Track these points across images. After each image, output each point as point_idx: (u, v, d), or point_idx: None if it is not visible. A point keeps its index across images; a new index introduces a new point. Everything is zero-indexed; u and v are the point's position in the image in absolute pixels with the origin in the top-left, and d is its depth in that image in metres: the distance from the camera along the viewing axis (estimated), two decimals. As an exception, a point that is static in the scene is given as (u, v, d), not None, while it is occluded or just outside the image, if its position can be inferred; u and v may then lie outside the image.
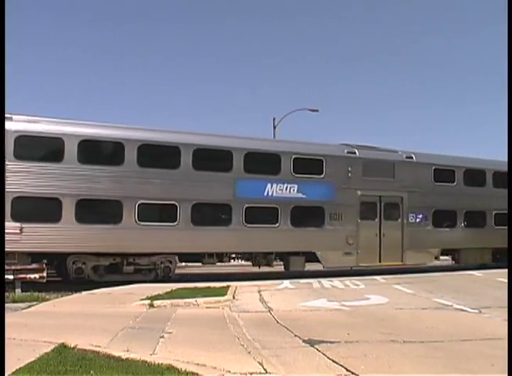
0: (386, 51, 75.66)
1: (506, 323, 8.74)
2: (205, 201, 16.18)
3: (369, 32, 74.94)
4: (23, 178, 14.13)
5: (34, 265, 14.01)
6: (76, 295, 13.07)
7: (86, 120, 15.80)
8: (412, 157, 20.02)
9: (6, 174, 13.44)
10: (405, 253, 19.25)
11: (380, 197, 19.12)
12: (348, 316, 10.34)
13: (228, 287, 14.09)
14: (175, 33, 73.00)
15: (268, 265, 17.85)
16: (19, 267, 13.67)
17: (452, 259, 21.44)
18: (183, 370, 5.87)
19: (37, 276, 13.65)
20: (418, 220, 19.72)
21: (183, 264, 18.26)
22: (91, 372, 5.73)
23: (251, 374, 5.95)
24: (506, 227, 21.22)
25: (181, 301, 11.79)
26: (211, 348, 7.30)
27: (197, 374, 5.77)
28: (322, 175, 18.05)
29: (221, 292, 13.23)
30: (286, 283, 15.27)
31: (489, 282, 16.02)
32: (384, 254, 18.92)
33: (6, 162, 13.36)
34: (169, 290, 13.37)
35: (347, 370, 6.19)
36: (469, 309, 10.91)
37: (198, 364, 6.19)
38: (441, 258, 21.17)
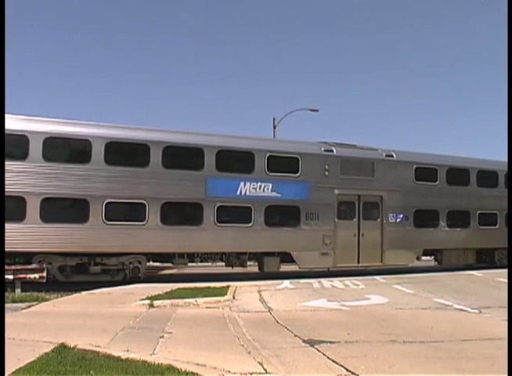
0: (386, 51, 75.68)
1: (506, 323, 8.74)
2: (175, 200, 15.81)
3: (369, 32, 74.96)
4: None
5: (34, 265, 14.01)
6: (76, 295, 13.06)
7: (56, 117, 15.49)
8: (392, 156, 19.55)
9: None
10: (384, 253, 18.80)
11: (358, 196, 18.71)
12: (348, 316, 10.34)
13: (228, 287, 14.09)
14: (175, 33, 73.05)
15: (242, 265, 17.45)
16: (19, 267, 13.66)
17: (435, 260, 21.04)
18: (183, 370, 5.87)
19: (37, 276, 13.62)
20: (398, 220, 19.27)
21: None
22: (91, 372, 5.73)
23: (251, 374, 5.95)
24: (491, 227, 21.13)
25: (181, 301, 11.79)
26: (211, 348, 7.31)
27: (197, 374, 5.77)
28: (297, 174, 17.62)
29: (221, 292, 13.23)
30: (286, 283, 15.27)
31: (489, 282, 16.03)
32: (362, 254, 18.50)
33: None
34: (169, 290, 13.37)
35: (347, 370, 6.19)
36: (469, 309, 10.92)
37: (198, 364, 6.20)
38: (424, 258, 20.78)
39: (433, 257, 20.96)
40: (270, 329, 8.98)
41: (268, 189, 17.04)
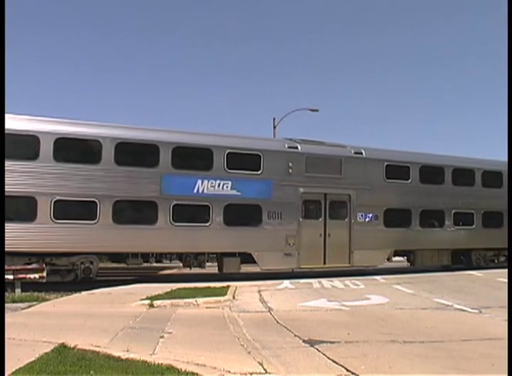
0: (386, 51, 75.67)
1: (506, 323, 8.74)
2: (128, 198, 15.33)
3: (369, 32, 74.92)
4: None
5: (34, 265, 14.01)
6: (76, 295, 13.06)
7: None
8: (361, 153, 18.87)
9: None
10: (352, 254, 18.15)
11: (325, 195, 18.03)
12: (348, 316, 10.34)
13: (228, 287, 14.09)
14: (176, 33, 73.03)
15: (200, 266, 16.95)
16: (19, 267, 13.65)
17: (408, 261, 20.39)
18: (183, 370, 5.86)
19: (37, 276, 13.61)
20: (368, 219, 18.59)
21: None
22: (91, 372, 5.73)
23: (251, 374, 5.95)
24: (467, 227, 20.53)
25: (181, 301, 11.79)
26: (211, 348, 7.31)
27: (197, 374, 5.77)
28: (259, 172, 17.01)
29: (221, 292, 13.23)
30: (286, 283, 15.27)
31: (489, 282, 16.03)
32: (329, 255, 17.82)
33: None
34: (169, 290, 13.38)
35: (348, 370, 6.18)
36: (469, 309, 10.91)
37: (198, 364, 6.20)
38: (398, 259, 20.41)
39: (405, 258, 20.42)
40: (270, 329, 8.98)
41: (227, 187, 16.48)
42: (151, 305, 11.33)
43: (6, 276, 12.88)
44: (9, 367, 5.63)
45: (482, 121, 75.38)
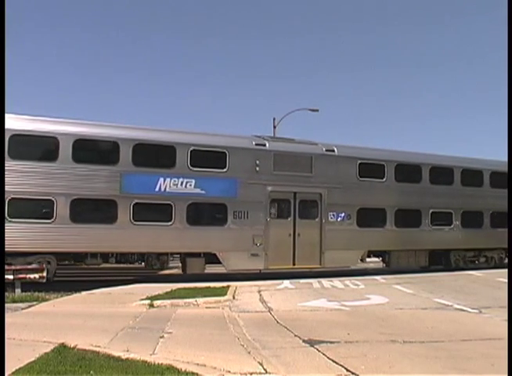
0: (386, 50, 75.68)
1: (506, 323, 8.75)
2: (86, 196, 14.83)
3: (369, 31, 74.96)
4: None
5: (34, 265, 14.01)
6: (76, 295, 13.06)
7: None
8: (333, 150, 18.28)
9: None
10: (323, 255, 17.56)
11: (294, 194, 17.44)
12: (348, 316, 10.34)
13: (228, 287, 14.09)
14: (176, 32, 73.04)
15: (163, 267, 16.58)
16: (19, 267, 13.65)
17: (383, 261, 19.75)
18: (183, 370, 5.87)
19: (37, 276, 13.61)
20: (339, 219, 17.98)
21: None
22: (91, 372, 5.73)
23: (251, 374, 5.95)
24: (445, 227, 20.04)
25: (181, 301, 11.79)
26: (211, 348, 7.31)
27: (197, 374, 5.77)
28: (224, 169, 16.48)
29: (221, 292, 13.23)
30: (286, 283, 15.26)
31: (489, 282, 16.03)
32: (298, 255, 17.24)
33: None
34: (169, 290, 13.37)
35: (348, 370, 6.18)
36: (469, 309, 10.92)
37: (198, 364, 6.20)
38: (375, 260, 20.00)
39: (381, 258, 19.87)
40: (270, 329, 8.98)
41: (190, 185, 15.94)
42: (151, 305, 11.33)
43: (6, 276, 12.88)
44: (9, 367, 5.63)
45: (482, 121, 75.40)
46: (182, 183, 15.86)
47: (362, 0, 74.48)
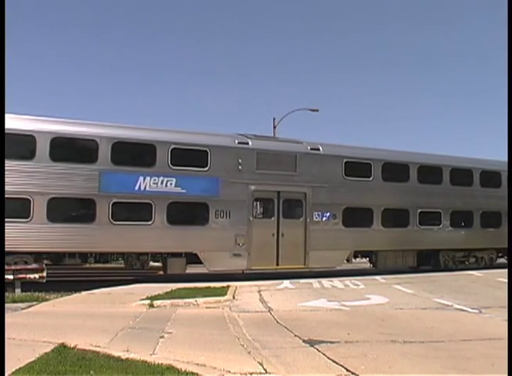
0: (386, 50, 75.71)
1: (506, 323, 8.75)
2: (64, 195, 14.52)
3: (369, 31, 74.99)
4: None
5: (34, 265, 14.01)
6: (76, 295, 13.06)
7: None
8: (318, 149, 17.93)
9: None
10: (308, 255, 17.23)
11: (278, 193, 17.11)
12: (348, 316, 10.34)
13: (228, 287, 14.09)
14: (175, 32, 73.06)
15: (143, 267, 16.20)
16: (19, 267, 13.65)
17: (370, 262, 19.39)
18: (183, 370, 5.86)
19: (37, 276, 13.61)
20: (325, 219, 17.60)
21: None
22: (91, 372, 5.73)
23: (251, 374, 5.95)
24: (433, 227, 19.69)
25: (181, 301, 11.79)
26: (211, 348, 7.31)
27: (197, 374, 5.77)
28: (206, 168, 16.19)
29: (221, 292, 13.23)
30: (286, 283, 15.26)
31: (489, 282, 16.04)
32: (282, 256, 16.94)
33: None
34: (169, 290, 13.38)
35: (348, 370, 6.18)
36: (469, 309, 10.92)
37: (198, 364, 6.20)
38: (361, 260, 19.69)
39: (368, 259, 19.53)
40: (270, 329, 8.98)
41: (171, 184, 15.65)
42: (151, 305, 11.33)
43: (6, 276, 12.88)
44: (9, 367, 5.63)
45: (483, 121, 75.40)
46: (162, 182, 15.61)
47: (363, 0, 74.52)
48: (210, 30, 74.86)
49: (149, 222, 15.45)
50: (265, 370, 6.14)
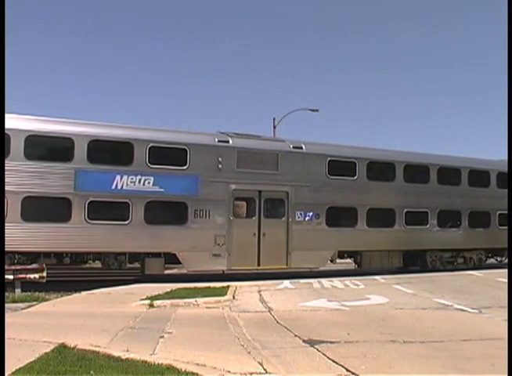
0: (386, 50, 75.67)
1: (506, 323, 8.75)
2: (39, 194, 14.28)
3: (369, 32, 74.95)
4: None
5: (34, 265, 14.01)
6: (76, 295, 13.06)
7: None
8: (301, 147, 17.65)
9: None
10: (290, 255, 16.99)
11: (259, 192, 16.84)
12: (348, 316, 10.34)
13: (228, 287, 14.09)
14: (175, 32, 73.03)
15: (120, 267, 15.90)
16: (19, 267, 13.65)
17: (355, 262, 19.17)
18: (183, 370, 5.86)
19: (37, 276, 13.60)
20: (307, 218, 17.34)
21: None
22: (91, 372, 5.73)
23: (251, 374, 5.95)
24: (420, 227, 19.36)
25: (181, 301, 11.79)
26: (211, 348, 7.31)
27: (197, 374, 5.77)
28: (185, 167, 15.96)
29: (221, 292, 13.23)
30: (286, 283, 15.26)
31: (489, 282, 16.04)
32: (264, 256, 16.68)
33: None
34: (169, 290, 13.37)
35: (348, 370, 6.18)
36: (469, 309, 10.92)
37: (198, 364, 6.19)
38: (347, 261, 19.50)
39: (353, 259, 19.30)
40: (270, 329, 8.98)
41: (149, 183, 15.42)
42: (151, 305, 11.32)
43: (6, 276, 12.87)
44: (9, 367, 5.62)
45: (483, 121, 75.37)
46: (139, 181, 15.38)
47: (363, 0, 74.51)
48: (210, 31, 74.91)
49: (126, 222, 15.24)
50: (264, 370, 6.14)
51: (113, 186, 15.11)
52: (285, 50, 76.17)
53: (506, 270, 16.55)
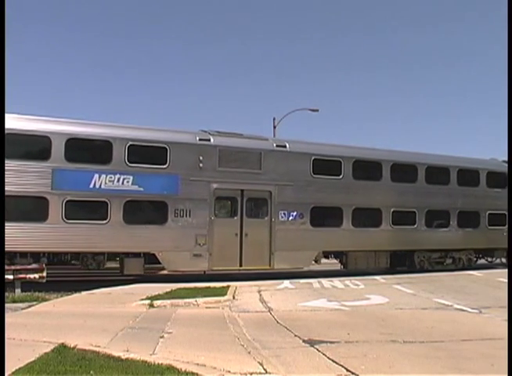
0: (386, 51, 75.66)
1: (506, 323, 8.74)
2: (15, 193, 13.89)
3: (369, 32, 74.94)
4: None
5: (34, 265, 14.00)
6: (76, 295, 13.05)
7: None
8: (285, 146, 17.41)
9: None
10: (273, 256, 16.76)
11: (241, 191, 16.63)
12: (348, 316, 10.34)
13: (228, 287, 14.09)
14: (176, 32, 73.03)
15: (99, 267, 15.67)
16: (19, 267, 13.63)
17: (340, 263, 18.92)
18: (183, 370, 5.86)
19: (37, 276, 13.59)
20: (291, 218, 17.08)
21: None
22: (91, 372, 5.73)
23: (251, 374, 5.95)
24: (407, 227, 19.09)
25: (181, 301, 11.79)
26: (211, 348, 7.30)
27: (197, 374, 5.77)
28: (165, 166, 15.72)
29: (221, 292, 13.23)
30: (286, 283, 15.26)
31: (489, 282, 16.04)
32: (246, 256, 16.46)
33: None
34: (169, 290, 13.37)
35: (348, 370, 6.19)
36: (469, 309, 10.92)
37: (198, 364, 6.20)
38: (332, 261, 19.27)
39: (339, 260, 19.04)
40: (270, 329, 8.98)
41: (128, 182, 15.17)
42: (151, 305, 11.32)
43: (6, 276, 12.87)
44: (9, 367, 5.62)
45: (483, 122, 75.34)
46: (118, 180, 15.15)
47: (365, 2, 74.48)
48: (210, 31, 74.87)
49: (105, 221, 15.02)
50: (264, 370, 6.14)
51: (92, 185, 14.90)
52: (285, 50, 76.17)
53: (506, 270, 16.56)
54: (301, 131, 55.88)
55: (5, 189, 13.62)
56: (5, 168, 13.69)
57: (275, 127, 30.79)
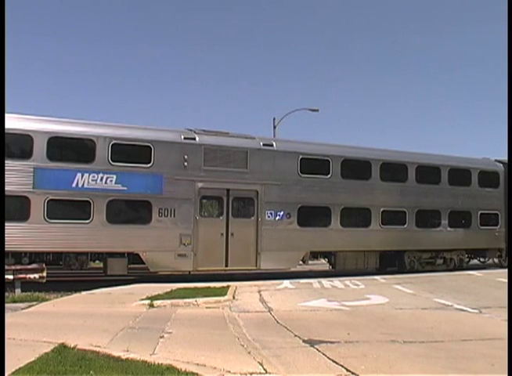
0: (386, 52, 75.68)
1: (506, 323, 8.74)
2: None
3: (369, 33, 74.96)
4: None
5: (34, 265, 14.00)
6: (76, 295, 13.05)
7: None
8: (271, 145, 17.34)
9: None
10: (260, 256, 16.60)
11: (227, 191, 16.47)
12: (348, 316, 10.34)
13: (228, 287, 14.09)
14: (177, 33, 73.04)
15: (82, 267, 15.46)
16: (19, 267, 13.64)
17: (329, 263, 18.80)
18: (183, 370, 5.85)
19: (37, 276, 13.59)
20: (278, 218, 16.93)
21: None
22: (91, 372, 5.72)
23: (251, 374, 5.94)
24: (397, 227, 18.92)
25: (181, 301, 11.79)
26: (211, 348, 7.30)
27: (197, 374, 5.76)
28: (149, 165, 15.58)
29: (221, 292, 13.22)
30: (286, 283, 15.26)
31: (489, 282, 16.04)
32: (232, 256, 16.29)
33: None
34: (169, 290, 13.36)
35: (348, 370, 6.18)
36: (469, 309, 10.92)
37: (198, 364, 6.19)
38: (321, 262, 19.29)
39: (327, 260, 18.95)
40: (270, 329, 8.98)
41: (111, 181, 15.03)
42: (151, 305, 11.32)
43: (6, 276, 12.88)
44: (9, 367, 5.62)
45: (483, 123, 75.32)
46: (101, 179, 14.99)
47: (365, 4, 74.50)
48: (211, 32, 74.87)
49: (88, 221, 14.87)
50: (264, 370, 6.13)
51: (74, 184, 14.75)
52: (286, 51, 76.18)
53: (506, 270, 16.56)
54: (301, 132, 55.83)
55: None
56: None
57: (275, 127, 30.78)
